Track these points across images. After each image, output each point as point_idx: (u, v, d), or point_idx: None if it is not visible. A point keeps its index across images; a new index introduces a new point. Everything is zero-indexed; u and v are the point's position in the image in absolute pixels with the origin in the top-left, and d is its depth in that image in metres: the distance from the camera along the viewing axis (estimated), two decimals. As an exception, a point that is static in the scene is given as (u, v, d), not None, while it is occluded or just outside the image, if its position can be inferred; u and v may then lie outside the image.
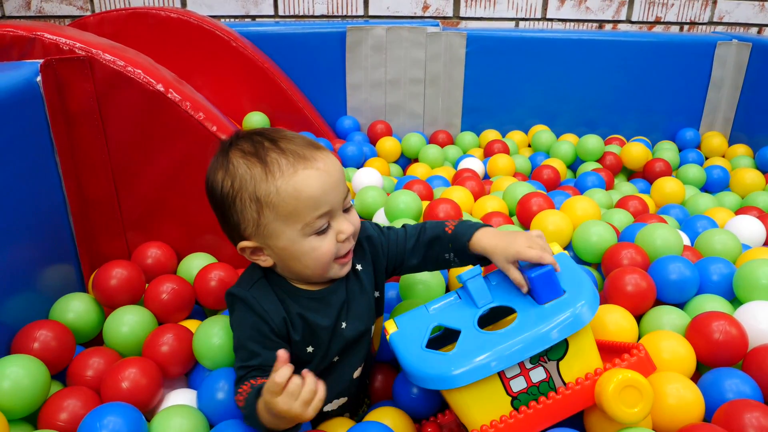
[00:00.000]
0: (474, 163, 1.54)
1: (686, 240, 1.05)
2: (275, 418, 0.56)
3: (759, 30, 2.15)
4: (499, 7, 2.05)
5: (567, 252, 0.72)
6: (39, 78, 0.88)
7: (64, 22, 2.01)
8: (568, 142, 1.64)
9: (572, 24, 2.10)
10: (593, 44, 1.73)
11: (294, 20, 2.04)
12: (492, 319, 0.73)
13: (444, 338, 0.74)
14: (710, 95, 1.76)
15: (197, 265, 0.96)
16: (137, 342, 0.85)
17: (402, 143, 1.71)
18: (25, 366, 0.72)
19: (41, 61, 0.89)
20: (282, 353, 0.55)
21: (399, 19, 2.02)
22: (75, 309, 0.88)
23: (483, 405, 0.62)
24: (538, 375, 0.63)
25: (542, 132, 1.73)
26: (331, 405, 0.74)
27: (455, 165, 1.62)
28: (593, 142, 1.59)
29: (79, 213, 0.98)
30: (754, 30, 2.15)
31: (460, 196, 1.20)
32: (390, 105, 1.79)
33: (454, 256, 0.72)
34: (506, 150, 1.63)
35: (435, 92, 1.77)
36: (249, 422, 0.62)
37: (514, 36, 1.74)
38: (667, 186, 1.33)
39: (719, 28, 2.14)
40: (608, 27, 2.11)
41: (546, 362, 0.63)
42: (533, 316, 0.63)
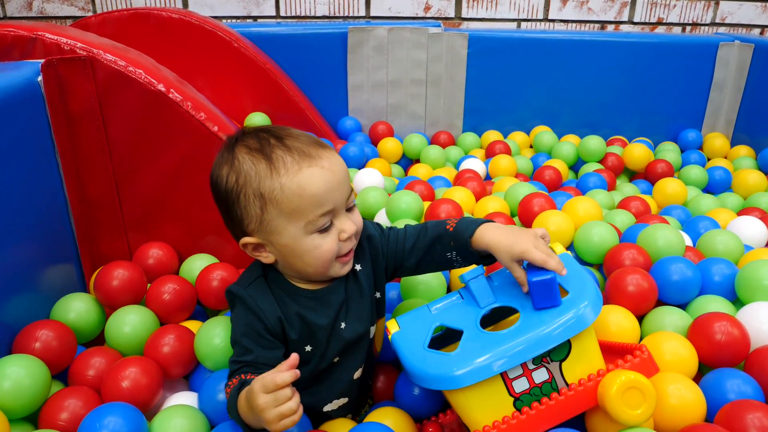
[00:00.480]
0: (476, 164, 1.54)
1: (688, 241, 1.05)
2: (250, 412, 0.57)
3: (761, 31, 2.15)
4: (501, 8, 2.05)
5: (569, 252, 0.72)
6: (40, 78, 0.88)
7: (66, 23, 2.01)
8: (570, 143, 1.64)
9: (574, 25, 2.10)
10: (595, 45, 1.73)
11: (295, 21, 2.04)
12: (494, 319, 0.72)
13: (445, 338, 0.74)
14: (712, 96, 1.76)
15: (199, 267, 0.96)
16: (139, 342, 0.84)
17: (403, 144, 1.71)
18: (26, 366, 0.72)
19: (42, 61, 0.89)
20: (294, 357, 0.56)
21: (400, 20, 2.02)
22: (76, 309, 0.87)
23: (485, 406, 0.62)
24: (541, 376, 0.63)
25: (544, 133, 1.72)
26: (331, 405, 0.73)
27: (457, 166, 1.62)
28: (595, 143, 1.59)
29: (80, 213, 0.98)
30: (757, 31, 2.15)
31: (462, 197, 1.20)
32: (391, 106, 1.79)
33: (457, 255, 0.71)
34: (508, 151, 1.63)
35: (436, 93, 1.77)
36: (229, 413, 0.63)
37: (516, 37, 1.74)
38: (669, 187, 1.33)
39: (722, 29, 2.13)
40: (610, 28, 2.10)
41: (549, 363, 0.63)
42: (536, 317, 0.62)
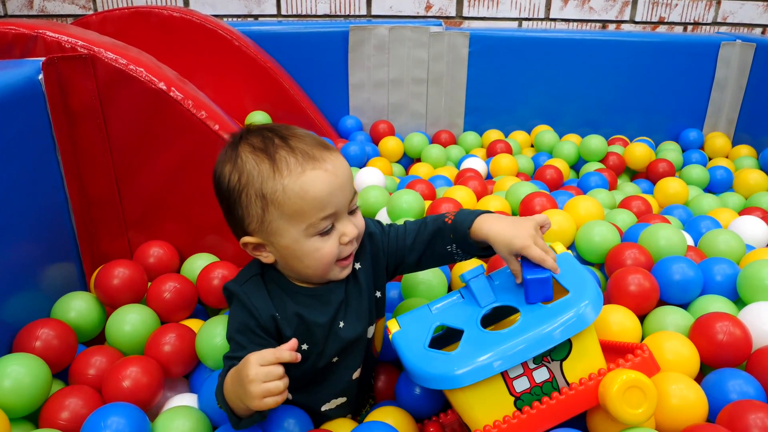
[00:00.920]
0: (477, 163, 1.54)
1: (689, 240, 1.04)
2: (238, 385, 0.57)
3: (763, 30, 2.15)
4: (502, 7, 2.05)
5: (570, 252, 0.72)
6: (41, 76, 0.88)
7: (67, 21, 2.01)
8: (571, 143, 1.64)
9: (575, 24, 2.09)
10: (596, 44, 1.73)
11: (297, 20, 2.04)
12: (494, 319, 0.72)
13: (446, 338, 0.73)
14: (714, 96, 1.76)
15: (200, 266, 0.96)
16: (140, 341, 0.84)
17: (404, 143, 1.71)
18: (26, 364, 0.72)
19: (43, 59, 0.89)
20: (293, 341, 0.58)
21: (402, 19, 2.02)
22: (77, 308, 0.87)
23: (486, 405, 0.62)
24: (542, 375, 0.63)
25: (545, 132, 1.72)
26: (329, 404, 0.73)
27: (458, 165, 1.62)
28: (596, 143, 1.59)
29: (81, 211, 0.98)
30: (758, 30, 2.15)
31: (463, 196, 1.20)
32: (392, 105, 1.79)
33: (457, 248, 0.70)
34: (509, 150, 1.63)
35: (438, 92, 1.77)
36: (217, 399, 0.63)
37: (517, 36, 1.74)
38: (671, 186, 1.32)
39: (723, 29, 2.13)
40: (612, 27, 2.10)
41: (549, 362, 0.63)
42: (537, 316, 0.62)
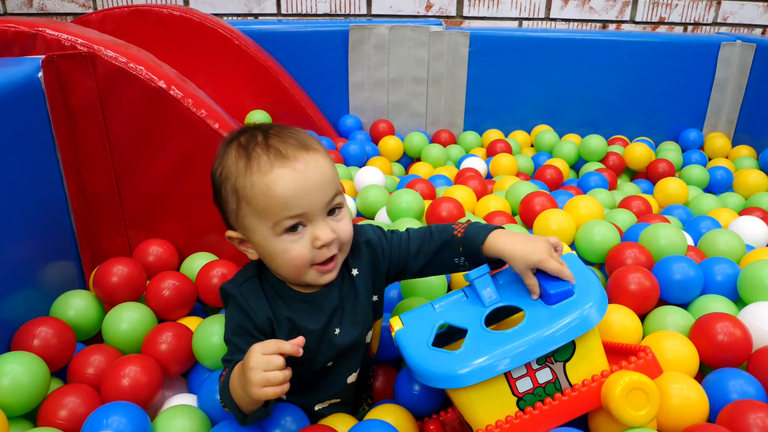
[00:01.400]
0: (476, 163, 1.54)
1: (689, 240, 1.04)
2: (242, 376, 0.58)
3: (763, 31, 2.15)
4: (503, 7, 2.04)
5: (574, 252, 0.71)
6: (40, 74, 0.88)
7: (67, 19, 2.00)
8: (571, 142, 1.64)
9: (576, 24, 2.09)
10: (597, 44, 1.73)
11: (297, 19, 2.04)
12: (498, 318, 0.72)
13: (448, 336, 0.73)
14: (714, 96, 1.76)
15: (200, 265, 0.96)
16: (136, 339, 0.84)
17: (404, 142, 1.70)
18: (25, 363, 0.72)
19: (43, 57, 0.88)
20: (301, 339, 0.59)
21: (402, 18, 2.02)
22: (76, 306, 0.87)
23: (489, 405, 0.61)
24: (545, 376, 0.62)
25: (545, 132, 1.72)
26: (323, 404, 0.73)
27: (458, 164, 1.62)
28: (596, 143, 1.59)
29: (81, 210, 0.97)
30: (759, 31, 2.15)
31: (463, 195, 1.20)
32: (392, 104, 1.79)
33: (465, 260, 0.70)
34: (509, 150, 1.62)
35: (438, 91, 1.77)
36: (221, 398, 0.63)
37: (518, 36, 1.74)
38: (671, 186, 1.32)
39: (723, 29, 2.13)
40: (612, 27, 2.10)
41: (553, 363, 0.63)
42: (541, 317, 0.62)
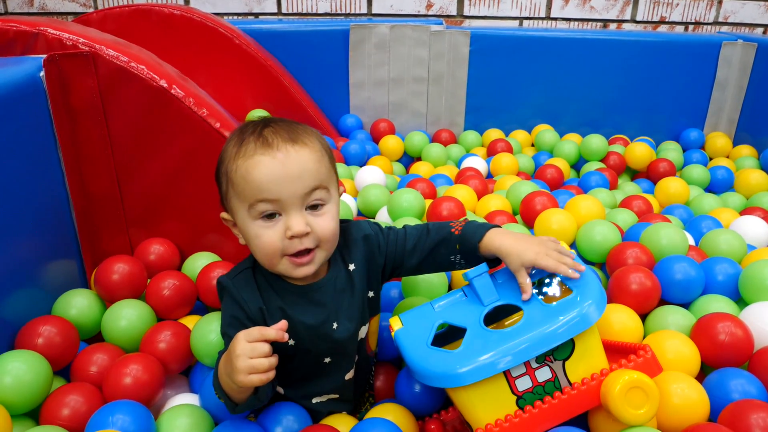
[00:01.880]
0: (477, 162, 1.54)
1: (690, 240, 1.04)
2: (228, 364, 0.58)
3: (764, 30, 2.15)
4: (503, 6, 2.04)
5: (573, 251, 0.71)
6: (42, 73, 0.88)
7: (67, 19, 2.00)
8: (572, 142, 1.64)
9: (576, 23, 2.09)
10: (597, 44, 1.73)
11: (297, 18, 2.04)
12: (497, 317, 0.72)
13: (448, 335, 0.73)
14: (715, 95, 1.76)
15: (202, 265, 0.96)
16: (136, 336, 0.84)
17: (405, 142, 1.71)
18: (27, 361, 0.72)
19: (44, 56, 0.88)
20: (283, 322, 0.58)
21: (402, 18, 2.02)
22: (77, 305, 0.87)
23: (488, 404, 0.62)
24: (544, 374, 0.63)
25: (546, 131, 1.72)
26: (320, 398, 0.74)
27: (458, 164, 1.62)
28: (597, 142, 1.59)
29: (82, 209, 0.97)
30: (760, 30, 2.15)
31: (464, 195, 1.20)
32: (393, 103, 1.79)
33: (461, 258, 0.71)
34: (509, 149, 1.63)
35: (438, 91, 1.77)
36: (214, 387, 0.64)
37: (518, 35, 1.74)
38: (672, 186, 1.32)
39: (724, 28, 2.13)
40: (612, 26, 2.10)
41: (552, 362, 0.63)
42: (540, 315, 0.62)
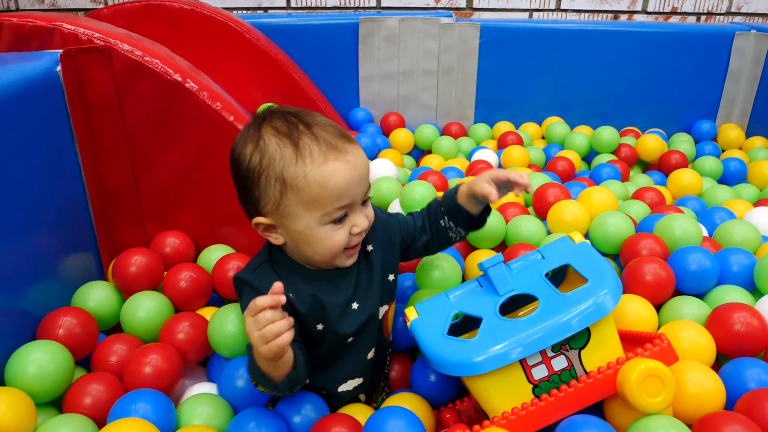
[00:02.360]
0: (488, 155, 1.54)
1: (704, 232, 1.04)
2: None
3: (777, 20, 2.12)
4: (513, -2, 2.03)
5: (587, 241, 0.72)
6: (59, 68, 0.89)
7: (78, 15, 2.01)
8: (583, 134, 1.63)
9: (587, 15, 2.08)
10: (608, 35, 1.72)
11: (306, 12, 2.04)
12: (512, 307, 0.73)
13: (463, 326, 0.74)
14: (727, 87, 1.74)
15: (217, 257, 0.97)
16: (154, 327, 0.85)
17: (415, 135, 1.71)
18: (50, 351, 0.73)
19: (61, 51, 0.89)
20: (277, 285, 0.56)
21: (412, 10, 2.01)
22: (96, 297, 0.89)
23: (504, 392, 0.62)
24: (560, 363, 0.63)
25: (556, 124, 1.71)
26: (346, 385, 0.74)
27: (468, 157, 1.62)
28: (608, 134, 1.58)
29: (98, 202, 0.99)
30: (772, 20, 2.12)
31: (476, 187, 1.20)
32: (403, 97, 1.79)
33: (449, 220, 0.76)
34: (520, 142, 1.62)
35: (448, 84, 1.76)
36: (251, 373, 0.64)
37: (528, 27, 1.73)
38: (684, 178, 1.32)
39: (737, 19, 2.11)
40: (623, 18, 2.08)
41: (568, 351, 0.63)
42: (555, 305, 0.62)
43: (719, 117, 1.78)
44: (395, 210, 1.17)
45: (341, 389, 0.74)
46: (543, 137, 1.78)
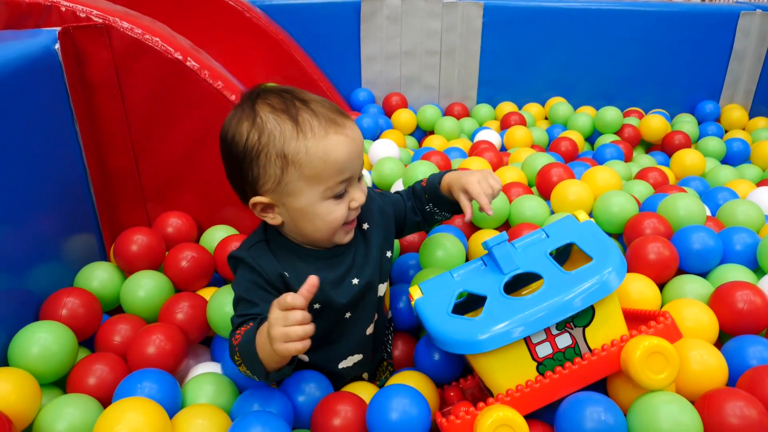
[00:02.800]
0: (491, 136, 1.53)
1: (707, 211, 1.04)
2: (266, 335, 0.56)
3: (783, -1, 2.09)
4: (516, -23, 2.00)
5: (592, 219, 0.71)
6: (57, 46, 0.87)
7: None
8: (586, 115, 1.62)
9: (591, -7, 2.04)
10: (612, 15, 1.69)
11: (306, -9, 2.00)
12: (517, 286, 0.73)
13: (468, 305, 0.74)
14: (732, 67, 1.72)
15: (219, 238, 0.97)
16: (154, 306, 0.86)
17: (417, 115, 1.69)
18: (54, 332, 0.73)
19: (59, 29, 0.88)
20: (313, 278, 0.56)
21: (413, -10, 1.98)
22: (99, 278, 0.89)
23: (509, 370, 0.62)
24: (564, 341, 0.63)
25: (560, 104, 1.70)
26: (346, 362, 0.75)
27: (471, 137, 1.61)
28: (612, 115, 1.57)
29: (100, 183, 0.98)
30: (779, -1, 2.09)
31: (479, 167, 1.19)
32: (405, 77, 1.77)
33: (434, 206, 0.79)
34: (523, 122, 1.61)
35: (451, 64, 1.75)
36: (241, 354, 0.61)
37: (532, 7, 1.70)
38: (687, 158, 1.31)
39: (742, -2, 2.08)
40: (628, -4, 2.05)
41: (572, 328, 0.63)
42: (559, 283, 0.62)
43: (723, 97, 1.77)
44: (398, 189, 1.17)
45: (342, 366, 0.74)
46: (546, 118, 1.76)
